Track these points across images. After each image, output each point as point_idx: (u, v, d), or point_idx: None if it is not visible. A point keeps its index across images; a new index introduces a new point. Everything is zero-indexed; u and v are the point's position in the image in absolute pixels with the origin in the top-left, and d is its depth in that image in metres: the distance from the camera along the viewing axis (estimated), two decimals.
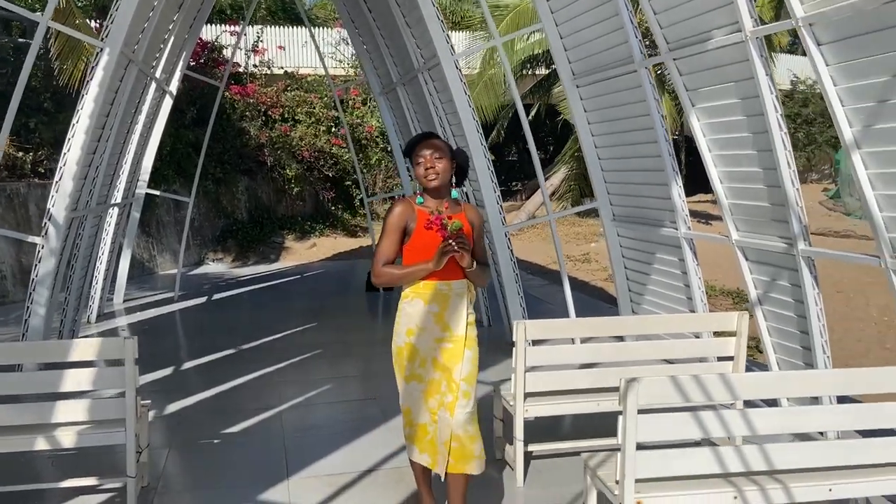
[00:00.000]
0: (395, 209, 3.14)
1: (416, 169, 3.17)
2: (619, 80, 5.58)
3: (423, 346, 3.15)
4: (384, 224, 3.16)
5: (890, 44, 3.34)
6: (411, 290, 3.15)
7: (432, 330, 3.14)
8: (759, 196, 4.49)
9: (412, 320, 3.14)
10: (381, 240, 3.15)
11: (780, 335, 4.65)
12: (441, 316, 3.14)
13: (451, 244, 3.01)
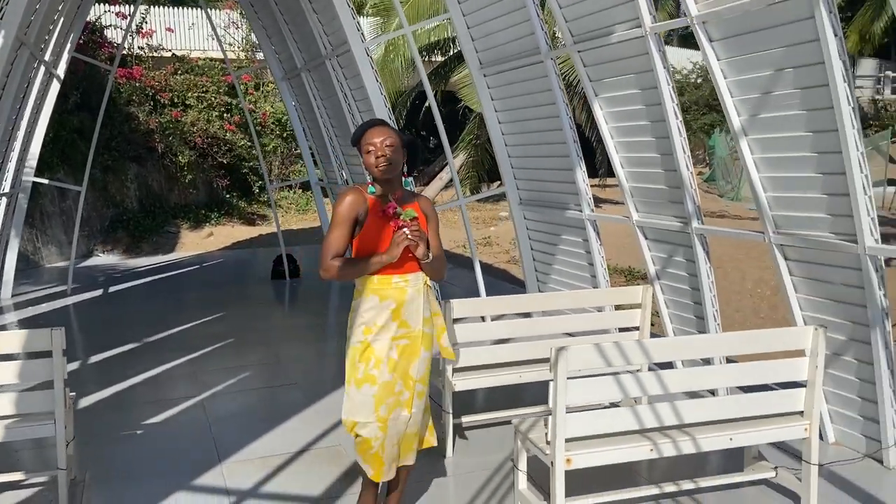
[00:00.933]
0: (344, 198, 2.95)
1: (365, 158, 2.97)
2: (525, 70, 5.85)
3: (380, 346, 2.99)
4: (333, 214, 2.97)
5: (773, 41, 3.74)
6: (365, 286, 2.99)
7: (389, 327, 2.99)
8: (657, 179, 4.88)
9: (368, 318, 2.98)
10: (330, 231, 2.95)
11: (675, 306, 5.09)
12: (398, 312, 2.99)
13: (405, 233, 2.88)
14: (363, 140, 2.99)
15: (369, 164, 2.96)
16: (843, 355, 3.94)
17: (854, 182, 3.55)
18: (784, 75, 3.76)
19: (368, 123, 3.06)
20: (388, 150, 2.92)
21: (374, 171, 2.96)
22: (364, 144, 2.97)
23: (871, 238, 3.60)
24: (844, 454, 3.94)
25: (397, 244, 2.90)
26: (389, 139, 2.95)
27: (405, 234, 2.89)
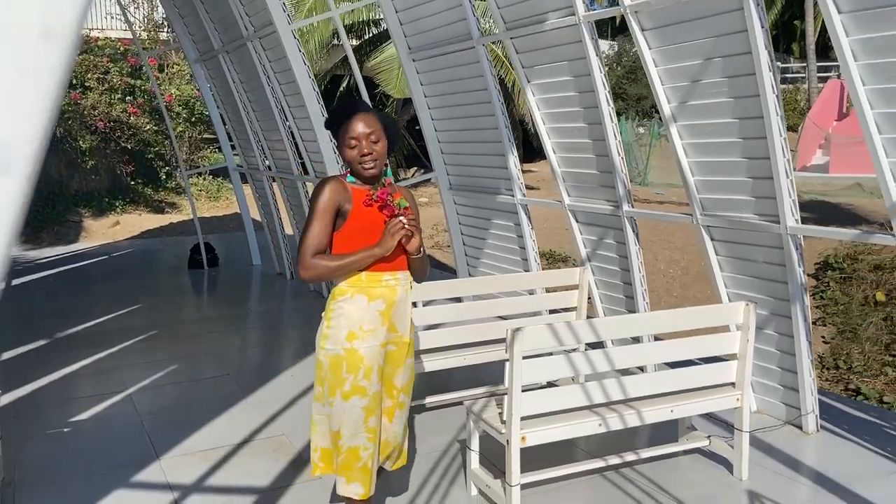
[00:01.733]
0: (324, 188, 2.59)
1: (346, 151, 2.63)
2: (457, 56, 5.87)
3: (370, 353, 2.62)
4: (312, 206, 2.61)
5: (700, 32, 3.92)
6: (351, 285, 2.62)
7: (378, 332, 2.64)
8: (589, 164, 5.03)
9: (355, 321, 2.60)
10: (310, 225, 2.59)
11: (606, 287, 5.28)
12: (388, 314, 2.65)
13: (401, 222, 2.56)
14: (342, 131, 2.63)
15: (351, 159, 2.63)
16: (766, 329, 4.21)
17: (777, 166, 3.78)
18: (713, 64, 3.95)
19: (349, 108, 2.67)
20: (374, 148, 2.60)
21: (356, 168, 2.64)
22: (345, 136, 2.61)
23: (792, 218, 3.85)
24: (767, 422, 4.22)
25: (392, 234, 2.55)
26: (376, 133, 2.60)
27: (402, 223, 2.56)
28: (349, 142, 2.61)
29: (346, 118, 2.62)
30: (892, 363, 6.82)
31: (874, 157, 3.32)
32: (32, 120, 0.19)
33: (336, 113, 2.71)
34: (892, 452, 3.83)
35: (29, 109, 0.19)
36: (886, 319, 7.44)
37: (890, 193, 3.33)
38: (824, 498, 3.42)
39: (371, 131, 2.60)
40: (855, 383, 6.64)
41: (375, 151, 2.60)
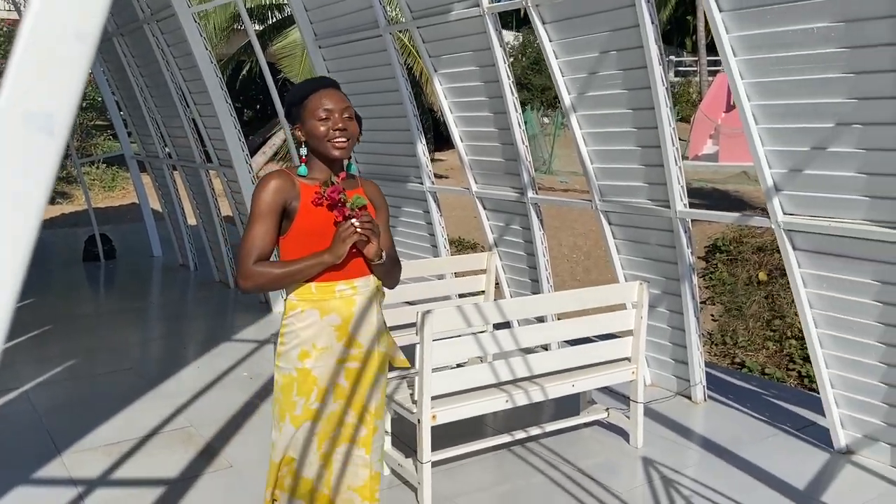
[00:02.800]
0: (267, 185, 2.23)
1: (312, 126, 2.24)
2: (364, 44, 5.89)
3: (323, 373, 2.30)
4: (253, 205, 2.24)
5: (597, 26, 4.12)
6: (301, 298, 2.27)
7: (333, 349, 2.30)
8: (495, 153, 5.18)
9: (307, 339, 2.27)
10: (251, 228, 2.23)
11: (513, 271, 5.46)
12: (344, 328, 2.30)
13: (353, 225, 2.20)
14: (312, 102, 2.25)
15: (318, 134, 2.23)
16: (658, 307, 4.49)
17: (668, 154, 4.04)
18: (608, 57, 4.16)
19: (316, 82, 2.35)
20: (349, 125, 2.25)
21: (324, 146, 2.24)
22: (313, 109, 2.24)
23: (681, 203, 4.12)
24: (660, 393, 4.51)
25: (343, 240, 2.21)
26: (349, 110, 2.27)
27: (353, 227, 2.21)
28: (319, 113, 2.22)
29: (314, 91, 2.27)
30: (773, 338, 7.38)
31: (752, 146, 3.61)
32: (68, 96, 0.25)
33: (301, 88, 2.33)
34: (770, 418, 4.18)
35: (65, 89, 0.25)
36: (768, 297, 8.03)
37: (766, 179, 3.63)
38: (711, 461, 3.71)
39: (345, 107, 2.26)
40: (740, 357, 7.15)
41: (349, 128, 2.25)
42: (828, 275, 3.56)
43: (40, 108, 0.24)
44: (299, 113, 2.28)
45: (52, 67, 0.25)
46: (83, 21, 0.27)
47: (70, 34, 0.26)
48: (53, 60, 0.26)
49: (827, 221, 3.45)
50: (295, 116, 2.31)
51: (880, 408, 3.54)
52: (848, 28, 3.10)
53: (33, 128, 0.25)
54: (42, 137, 0.25)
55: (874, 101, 3.13)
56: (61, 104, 0.25)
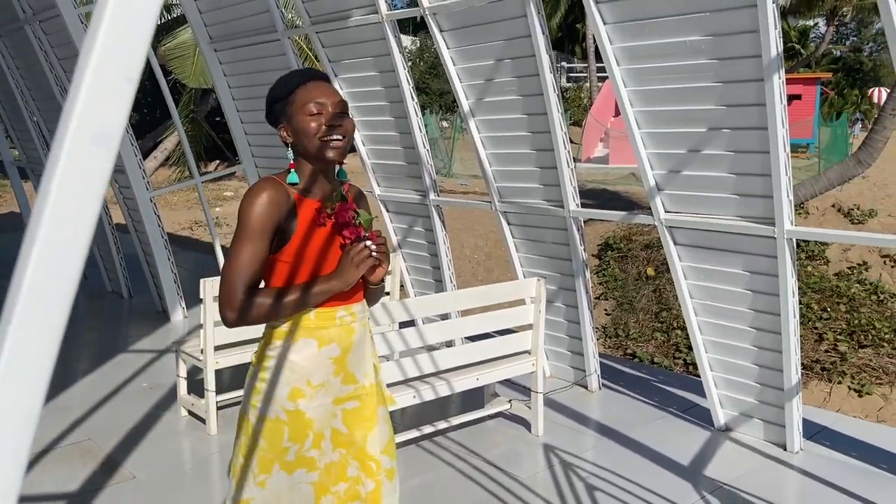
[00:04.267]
0: (258, 196, 1.83)
1: (300, 123, 1.88)
2: (262, 48, 5.85)
3: (320, 414, 1.94)
4: (242, 221, 1.85)
5: (494, 35, 4.30)
6: (295, 325, 1.92)
7: (330, 386, 1.96)
8: (397, 156, 5.29)
9: (301, 374, 1.91)
10: (238, 248, 1.84)
11: (417, 272, 5.59)
12: (343, 361, 1.97)
13: (369, 248, 1.90)
14: (300, 96, 1.90)
15: (308, 132, 1.87)
16: (555, 302, 4.73)
17: (560, 157, 4.27)
18: (503, 65, 4.35)
19: (304, 74, 1.98)
20: (344, 122, 1.91)
21: (317, 146, 1.88)
22: (301, 103, 1.89)
23: (574, 203, 4.37)
24: (558, 384, 4.75)
25: (356, 265, 1.88)
26: (344, 105, 1.94)
27: (370, 251, 1.90)
28: (309, 108, 1.87)
29: (302, 83, 1.92)
30: (661, 329, 7.86)
31: (635, 148, 3.88)
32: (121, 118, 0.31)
33: (288, 80, 1.97)
34: (659, 402, 4.49)
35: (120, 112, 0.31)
36: (656, 291, 8.54)
37: (648, 180, 3.91)
38: (606, 444, 3.95)
39: (339, 100, 1.93)
40: (632, 348, 7.57)
41: (344, 126, 1.90)
42: (705, 267, 3.88)
43: (102, 130, 0.31)
44: (284, 109, 1.93)
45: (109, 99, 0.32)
46: (131, 67, 0.34)
47: (122, 77, 0.33)
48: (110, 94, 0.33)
49: (703, 218, 3.76)
50: (279, 114, 1.95)
51: (753, 387, 3.89)
52: (716, 41, 3.41)
53: (96, 145, 0.32)
54: (101, 152, 0.32)
55: (740, 108, 3.45)
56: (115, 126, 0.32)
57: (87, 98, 0.32)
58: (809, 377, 6.47)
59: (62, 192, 0.33)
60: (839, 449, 3.79)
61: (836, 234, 5.51)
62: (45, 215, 0.32)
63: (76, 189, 0.33)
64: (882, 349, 6.65)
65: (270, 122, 2.01)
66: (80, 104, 0.32)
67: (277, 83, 1.99)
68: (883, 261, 8.05)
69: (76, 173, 0.32)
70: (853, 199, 10.90)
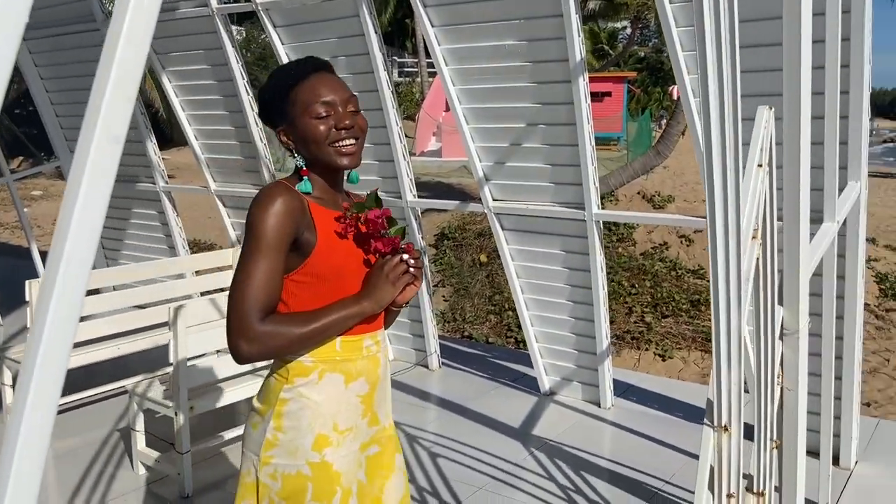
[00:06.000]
0: (273, 204, 1.53)
1: (306, 127, 1.59)
2: (79, 37, 5.57)
3: (347, 465, 1.64)
4: (255, 233, 1.53)
5: (329, 32, 4.45)
6: (318, 359, 1.60)
7: (359, 430, 1.67)
8: (234, 150, 5.27)
9: (327, 418, 1.60)
10: (251, 266, 1.52)
11: None
12: (371, 399, 1.68)
13: (406, 263, 1.62)
14: (303, 94, 1.60)
15: (316, 138, 1.59)
16: None
17: (396, 151, 4.51)
18: (337, 62, 4.50)
19: (304, 65, 1.66)
20: (357, 121, 1.63)
21: (326, 153, 1.60)
22: (305, 102, 1.59)
23: (411, 194, 4.63)
24: (401, 366, 5.01)
25: (392, 282, 1.61)
26: (354, 102, 1.65)
27: (407, 266, 1.62)
28: (315, 109, 1.58)
29: (304, 78, 1.62)
30: (494, 311, 8.40)
31: (465, 143, 4.21)
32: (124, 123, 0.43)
33: (284, 74, 1.66)
34: (492, 375, 4.89)
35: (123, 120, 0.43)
36: (489, 276, 9.08)
37: (477, 171, 4.26)
38: (447, 416, 4.27)
39: (349, 96, 1.64)
40: (468, 331, 8.03)
41: (358, 125, 1.63)
42: (528, 249, 4.29)
43: (118, 131, 0.44)
44: (284, 110, 1.62)
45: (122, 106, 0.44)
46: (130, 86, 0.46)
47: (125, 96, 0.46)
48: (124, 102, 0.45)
49: (525, 205, 4.17)
50: (276, 116, 1.65)
51: (572, 354, 4.38)
52: (530, 46, 3.80)
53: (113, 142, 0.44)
54: (116, 148, 0.44)
55: (552, 106, 3.88)
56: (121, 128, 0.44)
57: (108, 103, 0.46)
58: (622, 346, 7.25)
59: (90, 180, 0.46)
60: (644, 403, 4.37)
61: (632, 216, 6.14)
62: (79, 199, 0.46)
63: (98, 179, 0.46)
64: (681, 318, 7.59)
65: (266, 123, 1.72)
66: (104, 108, 0.45)
67: (273, 78, 1.66)
68: (680, 241, 9.13)
69: (99, 166, 0.46)
70: (656, 187, 12.17)
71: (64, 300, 0.48)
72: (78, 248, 0.50)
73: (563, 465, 3.62)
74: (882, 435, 3.92)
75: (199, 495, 3.36)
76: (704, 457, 1.77)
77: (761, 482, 2.23)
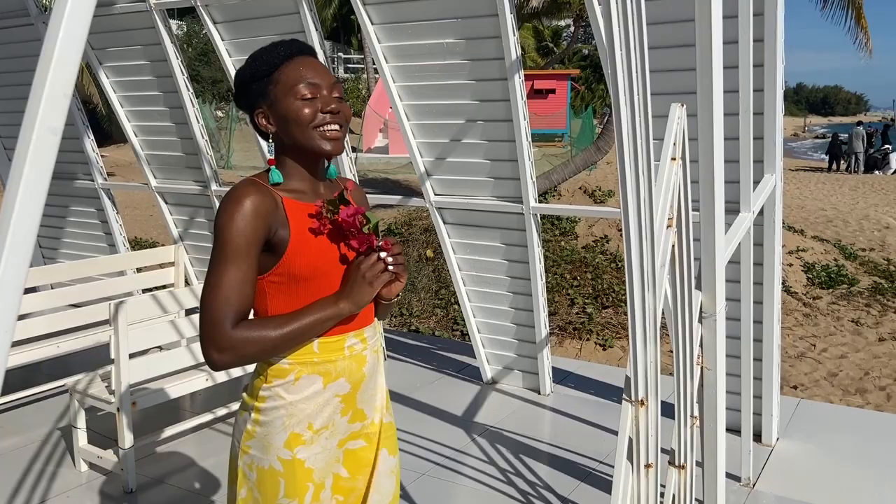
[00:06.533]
0: (242, 204, 1.47)
1: (290, 108, 1.53)
2: (12, 32, 5.45)
3: (321, 461, 1.64)
4: (223, 236, 1.47)
5: (269, 29, 4.46)
6: (296, 361, 1.57)
7: (336, 428, 1.65)
8: (174, 147, 5.24)
9: (301, 418, 1.60)
10: (221, 272, 1.48)
11: (200, 264, 5.58)
12: (353, 398, 1.65)
13: (384, 261, 1.56)
14: (287, 75, 1.54)
15: (302, 120, 1.53)
16: None
17: None
18: None
19: (289, 47, 1.58)
20: (342, 107, 1.58)
21: (311, 137, 1.54)
22: (290, 83, 1.53)
23: None
24: None
25: (370, 282, 1.55)
26: (338, 87, 1.59)
27: (385, 265, 1.57)
28: (301, 90, 1.52)
29: (289, 58, 1.55)
30: (440, 305, 8.50)
31: (406, 139, 4.29)
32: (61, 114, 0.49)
33: (267, 54, 1.57)
34: (437, 366, 4.99)
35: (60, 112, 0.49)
36: (435, 271, 9.18)
37: (419, 167, 4.35)
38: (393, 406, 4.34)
39: (334, 81, 1.58)
40: (415, 325, 8.11)
41: (343, 112, 1.57)
42: (469, 242, 4.41)
43: (55, 124, 0.50)
44: (265, 91, 1.55)
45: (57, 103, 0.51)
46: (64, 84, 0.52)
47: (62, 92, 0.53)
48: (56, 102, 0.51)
49: (466, 199, 4.28)
50: (256, 97, 1.57)
51: (512, 343, 4.51)
52: (468, 44, 3.90)
53: (50, 133, 0.50)
54: (54, 138, 0.50)
55: (491, 103, 3.99)
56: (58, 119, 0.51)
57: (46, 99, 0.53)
58: (564, 337, 7.45)
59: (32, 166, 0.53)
60: (582, 389, 4.54)
61: (567, 209, 6.27)
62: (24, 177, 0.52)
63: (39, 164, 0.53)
64: (620, 308, 7.83)
65: (242, 105, 1.63)
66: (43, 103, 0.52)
67: (254, 58, 1.58)
68: (619, 234, 9.40)
69: (40, 154, 0.52)
70: (598, 182, 12.47)
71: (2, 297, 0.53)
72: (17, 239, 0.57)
73: (503, 450, 3.75)
74: (802, 414, 4.16)
75: (142, 491, 3.37)
76: (623, 429, 1.90)
77: (682, 456, 2.39)
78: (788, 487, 3.37)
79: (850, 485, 3.40)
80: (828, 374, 6.59)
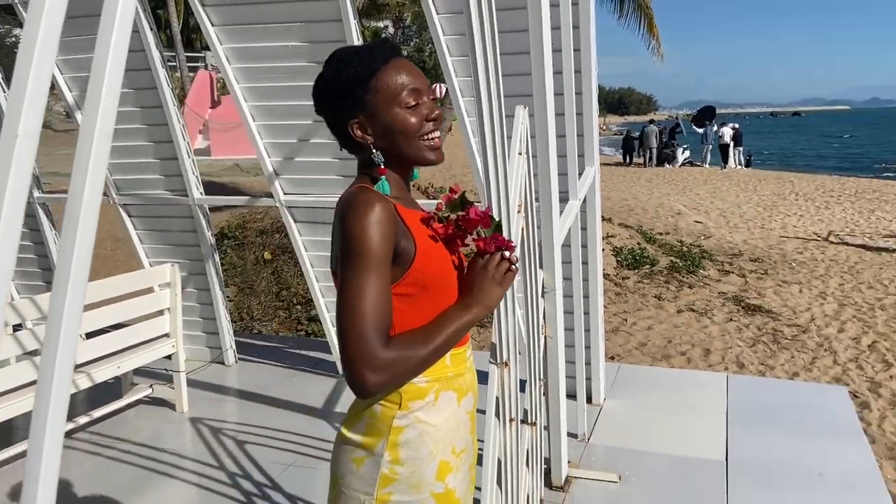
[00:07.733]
0: (371, 212, 1.32)
1: (395, 118, 1.43)
2: None
3: (464, 490, 1.54)
4: (357, 248, 1.32)
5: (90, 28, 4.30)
6: (433, 379, 1.45)
7: (470, 450, 1.56)
8: None
9: (446, 443, 1.47)
10: (364, 285, 1.31)
11: (24, 276, 5.21)
12: (474, 414, 1.58)
13: (508, 259, 1.50)
14: (387, 80, 1.42)
15: (408, 130, 1.43)
16: (187, 287, 4.94)
17: (180, 148, 4.50)
18: None
19: (383, 49, 1.46)
20: (440, 111, 1.50)
21: (417, 147, 1.45)
22: (393, 90, 1.42)
23: (198, 192, 4.64)
24: (195, 365, 4.99)
25: (500, 283, 1.48)
26: (433, 91, 1.51)
27: (510, 264, 1.50)
28: (404, 98, 1.42)
29: (386, 62, 1.43)
30: (282, 307, 8.47)
31: (252, 139, 4.33)
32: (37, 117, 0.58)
33: (360, 57, 1.43)
34: (290, 364, 5.06)
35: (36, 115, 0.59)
36: (274, 273, 9.10)
37: (267, 167, 4.41)
38: (248, 406, 4.38)
39: (430, 84, 1.50)
40: (258, 329, 8.03)
41: (440, 117, 1.50)
42: (321, 239, 4.54)
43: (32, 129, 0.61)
44: (363, 99, 1.42)
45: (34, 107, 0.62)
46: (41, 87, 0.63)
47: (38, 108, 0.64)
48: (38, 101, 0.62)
49: (315, 197, 4.41)
50: (353, 106, 1.43)
51: None
52: (311, 47, 4.04)
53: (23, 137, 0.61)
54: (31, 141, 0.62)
55: None
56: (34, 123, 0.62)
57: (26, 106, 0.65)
58: None
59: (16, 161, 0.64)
60: None
61: None
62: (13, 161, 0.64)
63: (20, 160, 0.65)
64: None
65: (331, 115, 1.47)
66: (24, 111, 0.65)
67: (347, 62, 1.44)
68: None
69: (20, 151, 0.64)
70: (429, 180, 12.95)
71: None
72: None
73: None
74: (623, 376, 4.75)
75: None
76: (491, 389, 2.18)
77: (533, 414, 2.73)
78: (616, 438, 3.87)
79: (663, 431, 3.97)
80: (638, 344, 7.43)
